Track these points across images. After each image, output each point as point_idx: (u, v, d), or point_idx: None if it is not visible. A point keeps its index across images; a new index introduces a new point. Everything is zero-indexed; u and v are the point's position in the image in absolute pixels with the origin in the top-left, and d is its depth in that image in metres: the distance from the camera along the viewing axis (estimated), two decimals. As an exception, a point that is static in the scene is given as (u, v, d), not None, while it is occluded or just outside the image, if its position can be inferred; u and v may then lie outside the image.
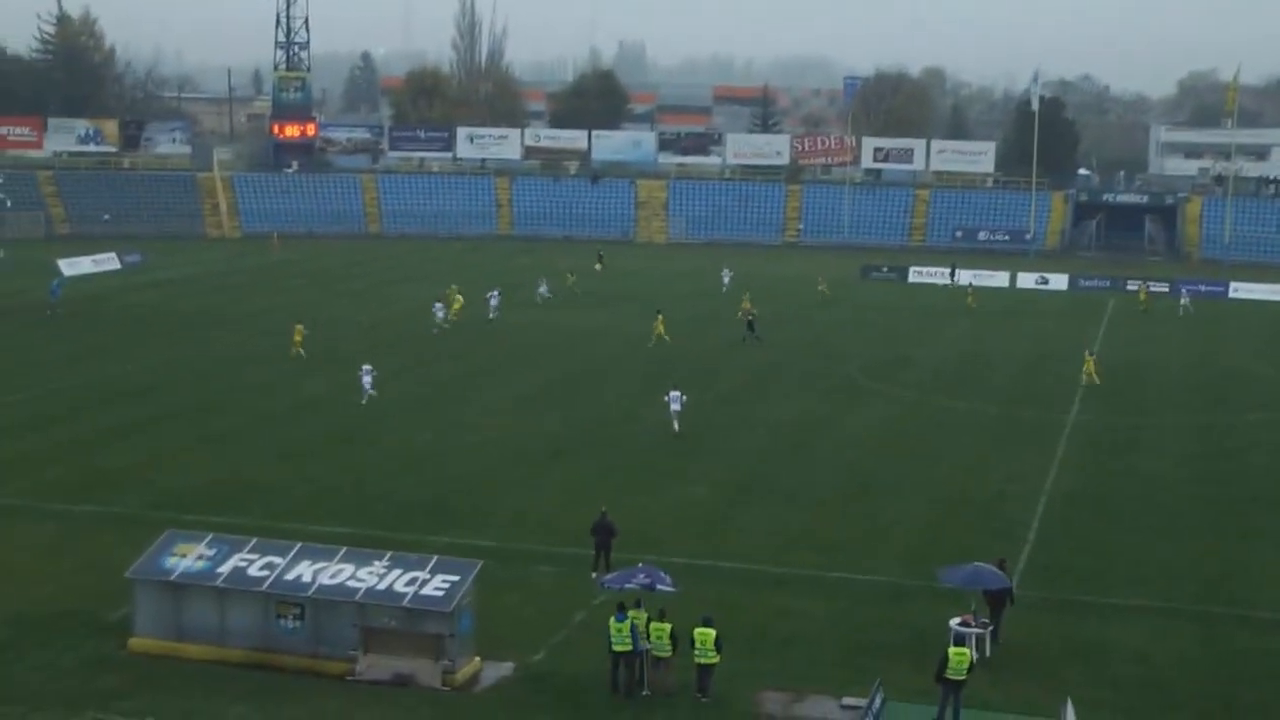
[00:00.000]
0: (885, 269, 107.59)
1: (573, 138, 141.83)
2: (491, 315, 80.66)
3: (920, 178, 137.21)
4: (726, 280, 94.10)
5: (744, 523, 43.58)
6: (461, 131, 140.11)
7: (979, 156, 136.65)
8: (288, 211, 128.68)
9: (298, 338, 69.15)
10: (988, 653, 32.71)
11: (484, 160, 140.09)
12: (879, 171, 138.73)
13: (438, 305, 78.51)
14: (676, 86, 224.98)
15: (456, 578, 31.79)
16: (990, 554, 36.60)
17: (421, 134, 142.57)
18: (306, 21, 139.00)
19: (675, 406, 54.88)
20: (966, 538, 41.89)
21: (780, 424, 56.96)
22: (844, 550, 40.98)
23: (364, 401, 58.55)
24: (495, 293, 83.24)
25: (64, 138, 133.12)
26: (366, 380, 59.17)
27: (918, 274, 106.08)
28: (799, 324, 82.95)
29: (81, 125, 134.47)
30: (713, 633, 30.62)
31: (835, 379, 66.74)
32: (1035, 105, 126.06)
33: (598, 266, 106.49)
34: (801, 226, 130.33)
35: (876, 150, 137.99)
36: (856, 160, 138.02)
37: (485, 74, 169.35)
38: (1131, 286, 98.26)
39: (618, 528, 38.36)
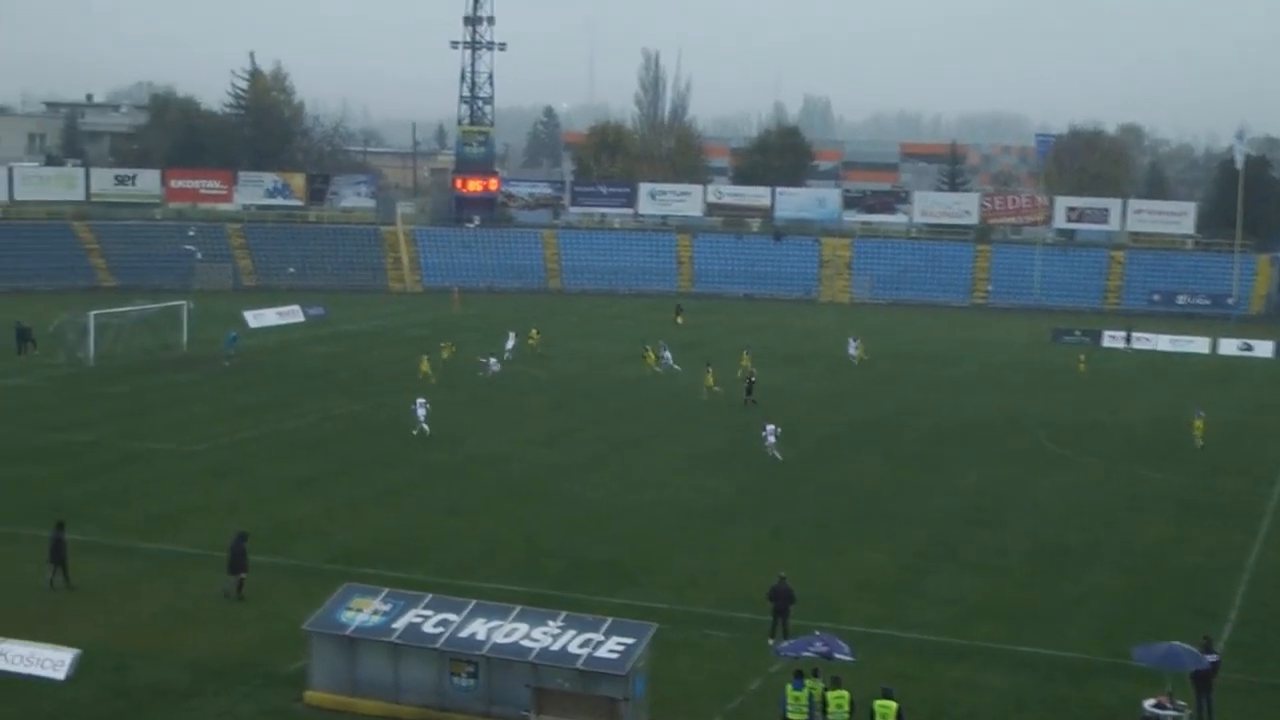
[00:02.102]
0: (1077, 332, 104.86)
1: (756, 194, 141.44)
2: (660, 368, 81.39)
3: (1116, 238, 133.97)
4: (853, 350, 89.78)
5: (924, 590, 42.45)
6: (643, 187, 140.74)
7: (1178, 217, 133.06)
8: (469, 266, 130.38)
9: (425, 367, 74.88)
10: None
11: (665, 217, 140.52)
12: (1072, 232, 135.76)
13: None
14: (862, 143, 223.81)
15: (631, 640, 31.37)
16: (1188, 631, 34.99)
17: (603, 190, 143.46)
18: (491, 77, 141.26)
19: (770, 439, 58.66)
20: (1162, 613, 40.22)
21: (963, 488, 55.59)
22: (1029, 622, 39.62)
23: (415, 433, 61.40)
24: (665, 349, 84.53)
25: (253, 191, 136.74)
26: (420, 413, 61.95)
27: (1111, 338, 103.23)
28: (985, 387, 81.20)
29: (270, 179, 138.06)
30: (895, 705, 29.64)
31: (1021, 443, 64.99)
32: (1239, 163, 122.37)
33: (678, 320, 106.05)
34: (990, 288, 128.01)
35: (1070, 210, 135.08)
36: (1049, 220, 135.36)
37: (668, 129, 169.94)
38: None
39: (796, 593, 37.50)
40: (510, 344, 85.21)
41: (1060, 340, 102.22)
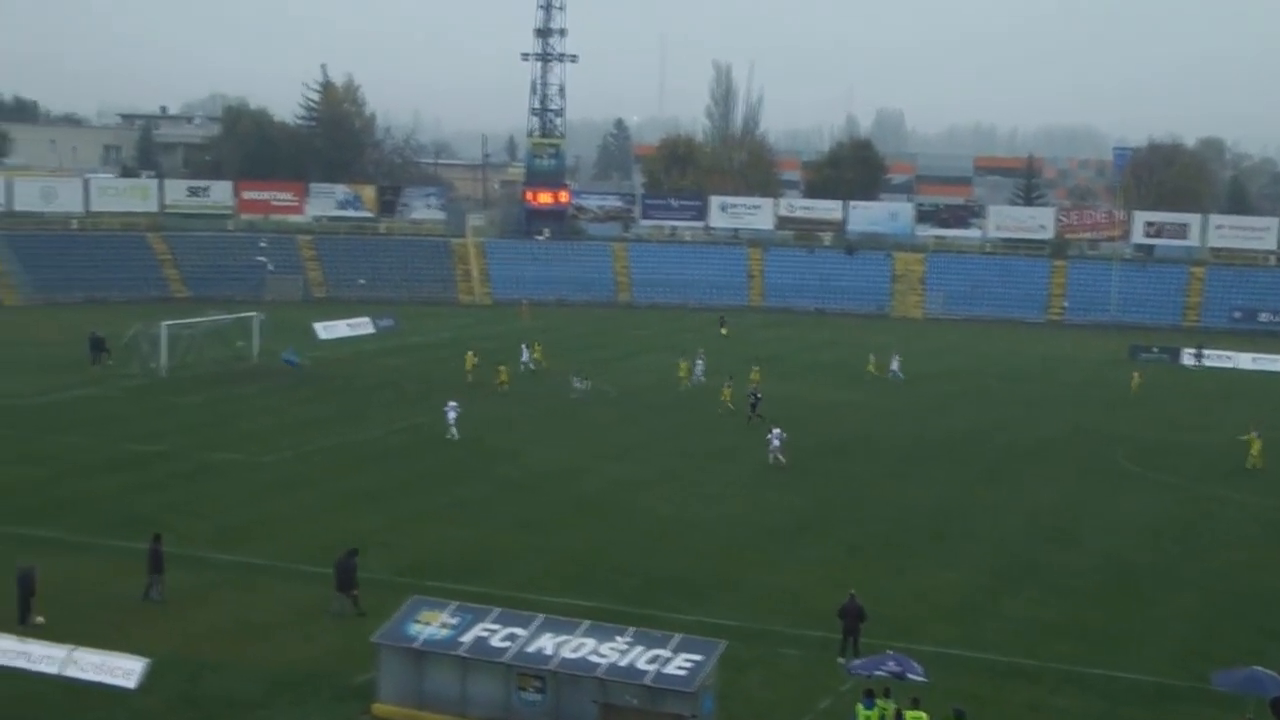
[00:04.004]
0: (1155, 350, 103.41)
1: (828, 208, 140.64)
2: (690, 383, 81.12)
3: (1196, 255, 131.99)
4: (896, 367, 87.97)
5: (998, 610, 41.94)
6: (714, 200, 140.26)
7: (1261, 233, 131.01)
8: (538, 278, 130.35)
9: (469, 365, 76.91)
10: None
11: (736, 230, 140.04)
12: (1151, 247, 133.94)
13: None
14: (936, 156, 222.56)
15: (700, 657, 31.20)
16: (1268, 656, 34.37)
17: (674, 203, 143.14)
18: (562, 89, 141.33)
19: (775, 444, 60.06)
20: (1242, 638, 39.48)
21: (1039, 507, 54.89)
22: (1106, 644, 39.03)
23: (448, 437, 62.34)
24: (699, 355, 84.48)
25: (324, 203, 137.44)
26: (451, 416, 63.30)
27: (1190, 355, 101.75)
28: (1060, 404, 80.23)
29: (341, 191, 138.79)
30: (967, 728, 29.20)
31: (1098, 462, 64.11)
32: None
33: (723, 331, 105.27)
34: (1066, 304, 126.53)
35: (1148, 225, 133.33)
36: (1126, 235, 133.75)
37: (740, 142, 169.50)
38: None
39: (867, 612, 37.06)
40: (525, 356, 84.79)
41: (1137, 357, 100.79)
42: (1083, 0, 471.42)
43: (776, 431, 61.03)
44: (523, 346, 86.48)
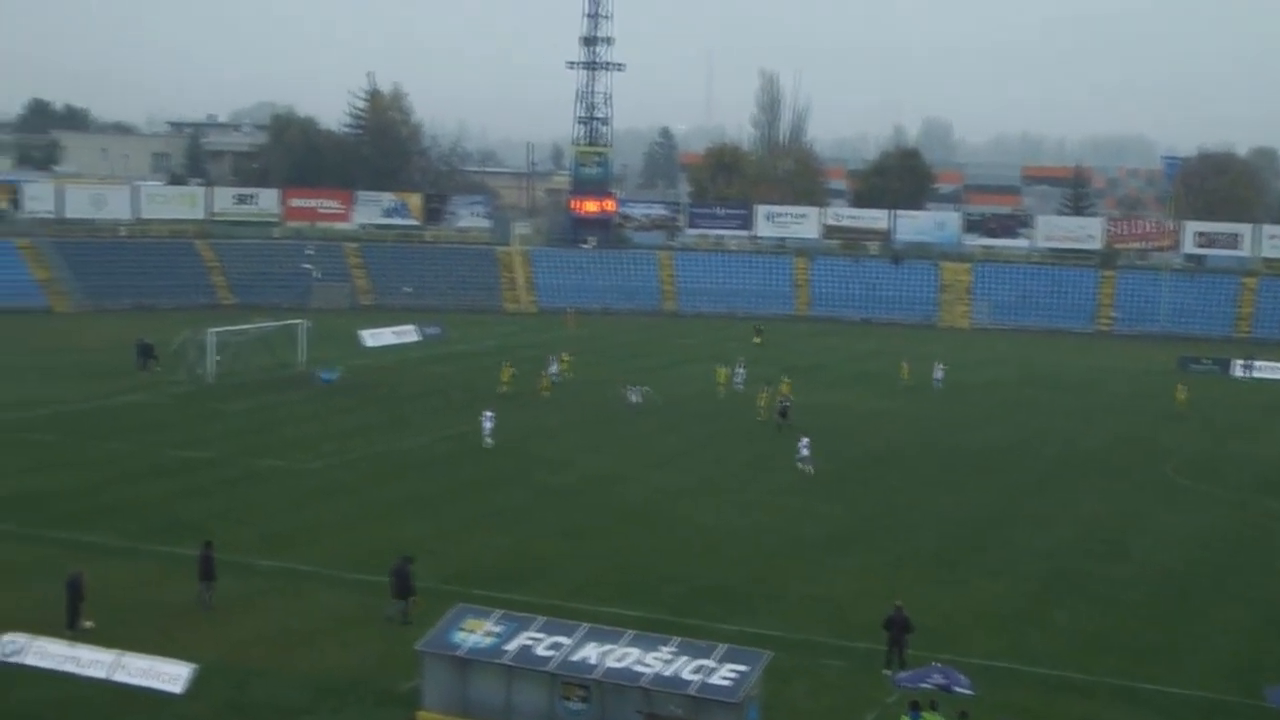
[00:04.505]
0: (1206, 361, 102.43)
1: (874, 217, 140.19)
2: (732, 389, 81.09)
3: (1248, 265, 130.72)
4: (939, 377, 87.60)
5: (1046, 623, 41.54)
6: (760, 209, 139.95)
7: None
8: (583, 287, 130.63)
9: (505, 376, 77.56)
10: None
11: (783, 239, 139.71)
12: (1201, 257, 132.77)
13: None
14: (983, 165, 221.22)
15: (745, 668, 31.03)
16: (1323, 674, 33.77)
17: (720, 211, 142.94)
18: (608, 97, 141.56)
19: (804, 452, 60.42)
20: (1295, 653, 38.88)
21: (1088, 519, 54.39)
22: (1157, 659, 38.61)
23: (484, 446, 63.11)
24: (740, 363, 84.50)
25: (370, 210, 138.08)
26: (487, 426, 63.83)
27: (1241, 367, 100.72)
28: (1109, 416, 79.59)
29: (387, 199, 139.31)
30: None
31: (1147, 474, 63.50)
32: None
33: (756, 340, 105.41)
34: (1115, 314, 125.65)
35: (1199, 235, 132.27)
36: (1176, 245, 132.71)
37: (786, 151, 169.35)
38: None
39: (913, 623, 36.78)
40: (553, 367, 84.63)
41: (1187, 368, 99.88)
42: (1132, 9, 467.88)
43: (805, 441, 61.37)
44: (550, 358, 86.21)
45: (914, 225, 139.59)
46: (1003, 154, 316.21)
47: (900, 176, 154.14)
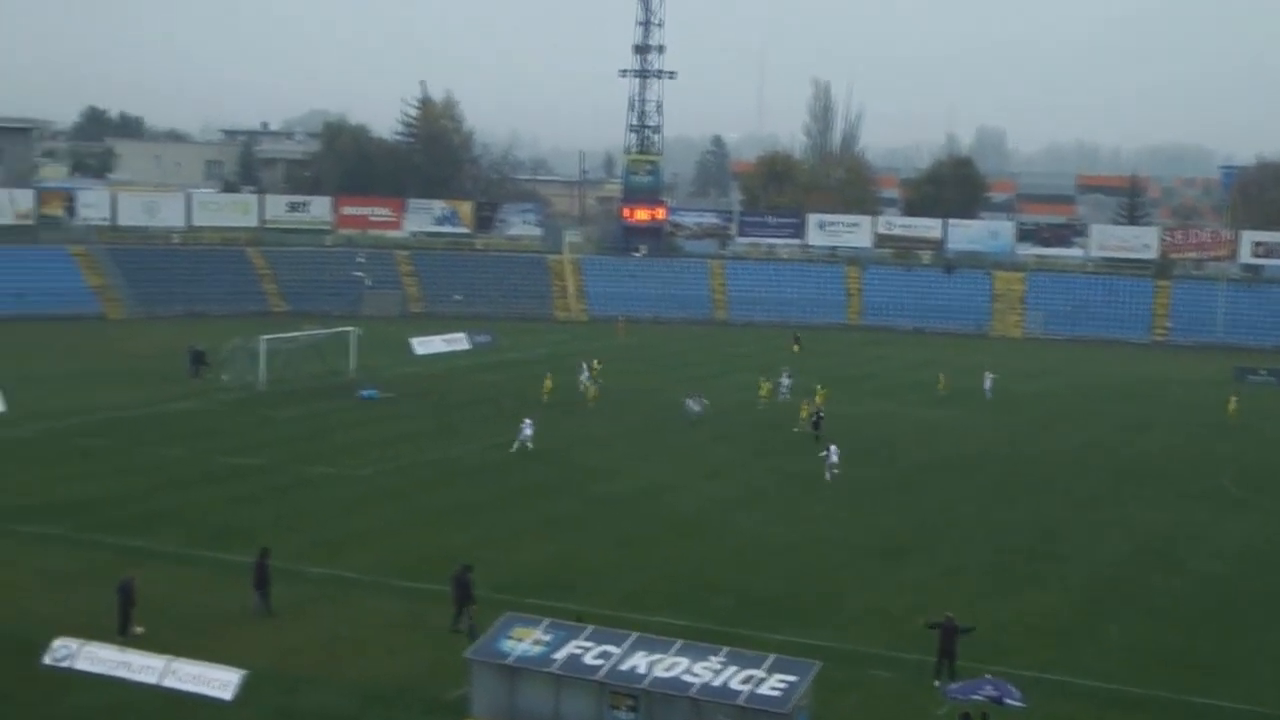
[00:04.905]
0: (1264, 372, 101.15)
1: (927, 226, 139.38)
2: (780, 397, 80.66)
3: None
4: (989, 386, 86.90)
5: (1100, 635, 41.10)
6: (812, 218, 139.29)
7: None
8: (634, 295, 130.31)
9: (548, 385, 78.06)
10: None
11: (834, 248, 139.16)
12: (1259, 267, 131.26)
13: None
14: (1037, 174, 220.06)
15: (794, 678, 30.93)
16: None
17: (771, 220, 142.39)
18: (660, 105, 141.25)
19: (833, 459, 60.88)
20: (1354, 668, 38.28)
21: (1143, 532, 53.84)
22: (1211, 672, 38.20)
23: (512, 450, 63.70)
24: (786, 373, 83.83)
25: (421, 218, 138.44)
26: (526, 433, 64.48)
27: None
28: (1164, 427, 78.79)
29: (439, 206, 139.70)
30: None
31: (1203, 486, 62.81)
32: None
33: (795, 348, 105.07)
34: (1170, 324, 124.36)
35: (1257, 244, 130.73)
36: (1234, 255, 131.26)
37: (838, 159, 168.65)
38: None
39: (965, 628, 36.46)
40: (585, 374, 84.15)
41: (1244, 379, 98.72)
42: (1189, 17, 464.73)
43: (833, 448, 61.76)
44: (581, 364, 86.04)
45: (967, 234, 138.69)
46: (1057, 163, 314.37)
47: (953, 185, 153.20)
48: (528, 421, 65.81)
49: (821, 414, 70.96)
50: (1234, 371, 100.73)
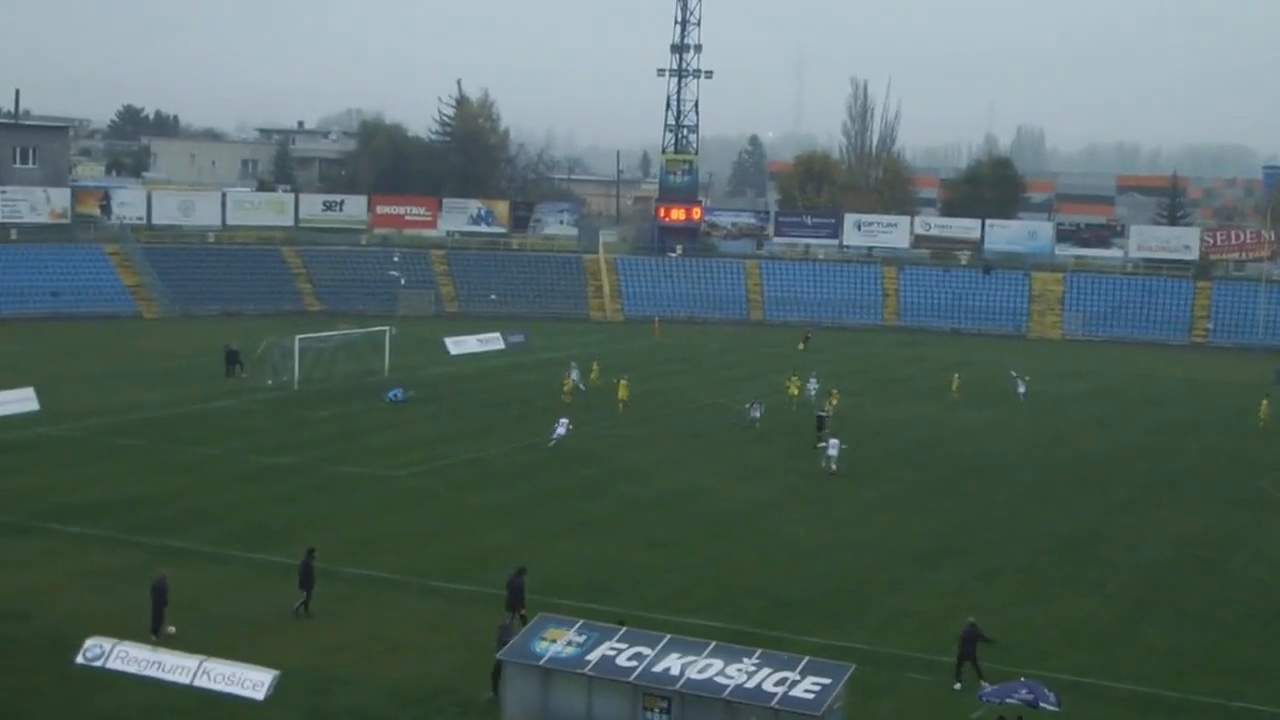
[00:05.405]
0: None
1: (965, 227, 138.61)
2: (809, 397, 79.85)
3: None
4: (1022, 390, 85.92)
5: (1139, 640, 40.66)
6: (849, 218, 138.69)
7: None
8: (670, 295, 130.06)
9: (567, 387, 78.24)
10: None
11: (871, 248, 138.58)
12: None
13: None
14: (1077, 175, 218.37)
15: (828, 680, 30.74)
16: None
17: (808, 220, 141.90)
18: (696, 105, 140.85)
19: (832, 452, 61.68)
20: (1398, 676, 37.74)
21: (1182, 535, 53.32)
22: (1250, 677, 37.75)
23: (550, 445, 64.68)
24: (814, 379, 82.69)
25: (457, 218, 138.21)
26: (560, 432, 65.29)
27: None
28: (1205, 429, 78.07)
29: (474, 206, 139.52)
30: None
31: (1244, 489, 62.19)
32: None
33: (800, 346, 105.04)
34: (1211, 326, 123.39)
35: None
36: (1275, 256, 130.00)
37: (876, 159, 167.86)
38: None
39: (989, 636, 36.30)
40: (574, 374, 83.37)
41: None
42: (1231, 16, 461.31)
43: (834, 441, 62.70)
44: (571, 363, 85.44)
45: (1005, 234, 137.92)
46: (1096, 163, 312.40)
47: (992, 185, 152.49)
48: (564, 421, 65.93)
49: (825, 414, 70.53)
50: (1275, 373, 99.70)
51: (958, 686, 35.26)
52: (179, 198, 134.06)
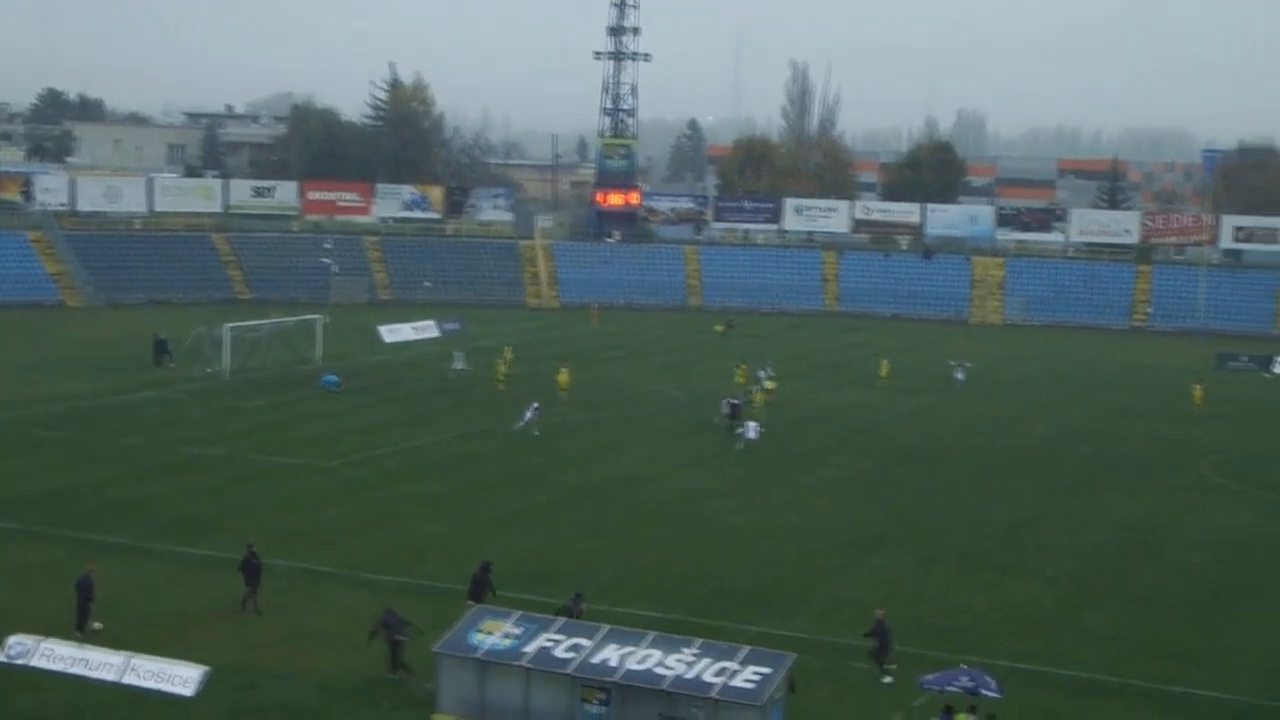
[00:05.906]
0: (1245, 358, 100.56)
1: (905, 211, 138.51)
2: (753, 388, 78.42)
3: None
4: (961, 378, 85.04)
5: (1079, 625, 40.70)
6: (789, 203, 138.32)
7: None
8: (607, 282, 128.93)
9: (500, 374, 77.85)
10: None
11: (811, 233, 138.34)
12: (1240, 253, 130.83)
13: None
14: (1018, 159, 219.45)
15: (768, 670, 30.57)
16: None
17: (747, 205, 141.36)
18: (634, 88, 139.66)
19: (751, 435, 62.91)
20: (1337, 658, 37.84)
21: (1122, 520, 53.37)
22: (1191, 662, 37.84)
23: (516, 428, 64.85)
24: (768, 368, 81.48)
25: (390, 204, 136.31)
26: (529, 416, 65.14)
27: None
28: (1144, 414, 78.22)
29: (408, 191, 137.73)
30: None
31: (1183, 474, 62.31)
32: None
33: (718, 328, 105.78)
34: (1151, 310, 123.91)
35: (1238, 229, 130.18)
36: (1215, 240, 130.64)
37: (816, 143, 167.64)
38: None
39: (891, 635, 36.16)
40: (459, 364, 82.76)
41: (1224, 366, 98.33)
42: (1169, 1, 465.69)
43: (751, 425, 64.08)
44: (454, 353, 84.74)
45: (946, 219, 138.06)
46: (1037, 147, 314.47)
47: (932, 169, 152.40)
48: (535, 405, 65.76)
49: (738, 402, 69.78)
50: (1215, 358, 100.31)
51: (888, 681, 35.15)
52: (104, 183, 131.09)
